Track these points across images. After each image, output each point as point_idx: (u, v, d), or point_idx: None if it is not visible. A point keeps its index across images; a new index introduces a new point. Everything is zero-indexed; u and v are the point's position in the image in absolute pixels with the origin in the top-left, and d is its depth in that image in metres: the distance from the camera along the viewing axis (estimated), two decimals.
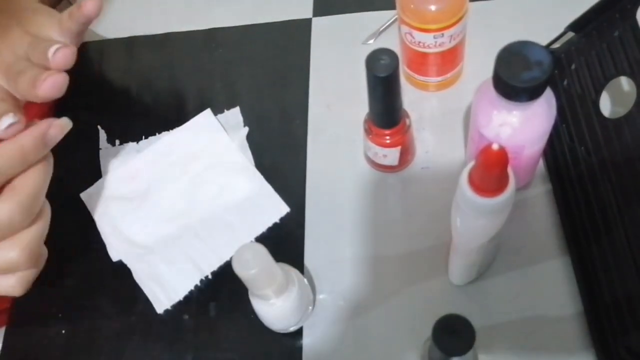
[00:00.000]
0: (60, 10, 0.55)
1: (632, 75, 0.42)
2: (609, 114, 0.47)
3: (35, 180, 0.43)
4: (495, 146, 0.31)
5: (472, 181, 0.34)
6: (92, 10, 0.50)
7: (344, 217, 0.51)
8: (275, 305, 0.43)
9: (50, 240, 0.45)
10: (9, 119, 0.42)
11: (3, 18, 0.52)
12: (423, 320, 0.44)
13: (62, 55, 0.47)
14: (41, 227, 0.44)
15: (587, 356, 0.43)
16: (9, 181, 0.43)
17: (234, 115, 0.58)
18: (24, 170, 0.43)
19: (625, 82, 0.51)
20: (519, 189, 0.49)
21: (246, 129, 0.57)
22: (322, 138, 0.55)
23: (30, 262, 0.43)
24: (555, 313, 0.45)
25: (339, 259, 0.50)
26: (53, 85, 0.45)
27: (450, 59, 0.52)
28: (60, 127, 0.44)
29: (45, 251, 0.46)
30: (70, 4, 0.68)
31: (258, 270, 0.38)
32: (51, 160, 0.45)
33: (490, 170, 0.32)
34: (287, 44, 0.61)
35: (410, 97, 0.55)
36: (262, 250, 0.38)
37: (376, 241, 0.50)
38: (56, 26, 0.53)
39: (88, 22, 0.52)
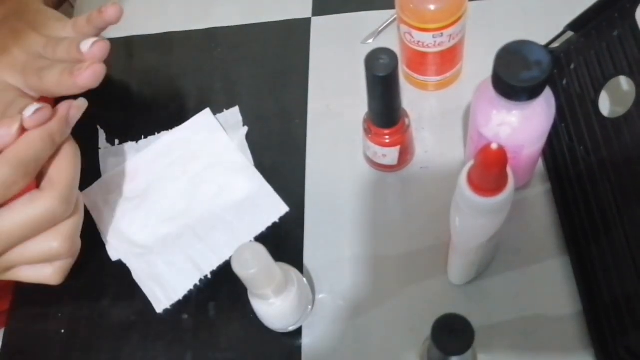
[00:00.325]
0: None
1: (631, 74, 0.42)
2: (608, 113, 0.47)
3: (69, 171, 0.45)
4: (494, 146, 0.31)
5: (471, 181, 0.34)
6: (114, 16, 0.52)
7: (343, 217, 0.51)
8: (274, 304, 0.43)
9: None
10: (35, 105, 0.44)
11: (13, 20, 0.53)
12: (422, 320, 0.44)
13: (98, 48, 0.50)
14: (79, 217, 0.46)
15: (586, 356, 0.43)
16: (41, 174, 0.44)
17: (233, 114, 0.58)
18: (53, 155, 0.45)
19: (624, 82, 0.51)
20: (518, 188, 0.49)
21: (245, 129, 0.57)
22: (322, 137, 0.55)
23: (70, 252, 0.45)
24: (555, 313, 0.45)
25: (338, 259, 0.50)
26: (94, 74, 0.48)
27: (449, 58, 0.52)
28: (78, 107, 0.47)
29: (80, 242, 0.47)
30: (72, 6, 0.68)
31: (257, 270, 0.38)
32: (78, 149, 0.47)
33: (490, 169, 0.32)
34: (287, 44, 0.61)
35: (410, 96, 0.55)
36: (261, 250, 0.38)
37: (375, 241, 0.50)
38: (69, 29, 0.53)
39: (106, 27, 0.53)
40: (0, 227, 0.42)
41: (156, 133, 0.58)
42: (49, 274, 0.46)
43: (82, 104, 0.48)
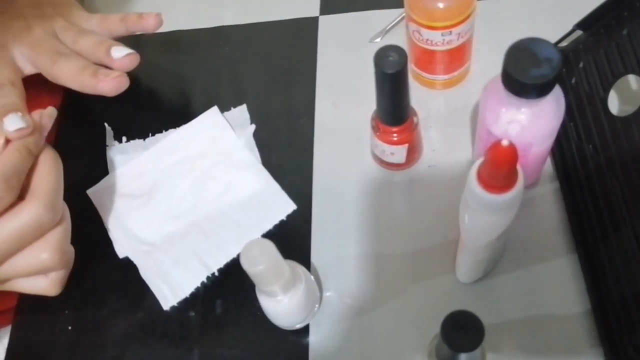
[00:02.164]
0: None
1: None
2: (617, 112, 0.47)
3: (50, 178, 0.44)
4: (504, 142, 0.31)
5: (480, 177, 0.34)
6: (153, 25, 0.53)
7: (350, 215, 0.51)
8: (282, 302, 0.42)
9: None
10: (19, 123, 0.43)
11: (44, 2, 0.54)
12: (430, 318, 0.44)
13: (130, 60, 0.51)
14: (66, 226, 0.45)
15: (595, 354, 0.43)
16: (24, 187, 0.44)
17: (241, 112, 0.58)
18: (33, 166, 0.44)
19: (633, 80, 0.51)
20: (527, 187, 0.49)
21: (253, 127, 0.57)
22: (329, 136, 0.55)
23: (61, 262, 0.45)
24: (563, 311, 0.45)
25: (345, 257, 0.50)
26: (118, 85, 0.49)
27: (457, 56, 0.52)
28: (50, 116, 0.48)
29: (72, 250, 0.46)
30: None
31: (266, 266, 0.38)
32: (58, 155, 0.46)
33: (500, 166, 0.32)
34: (294, 42, 0.61)
35: (418, 95, 0.55)
36: (270, 246, 0.38)
37: (383, 239, 0.50)
38: (94, 22, 0.54)
39: (137, 32, 0.53)
40: None
41: (163, 131, 0.58)
42: (45, 285, 0.45)
43: (51, 112, 0.48)
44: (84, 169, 0.57)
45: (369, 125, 0.49)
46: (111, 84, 0.49)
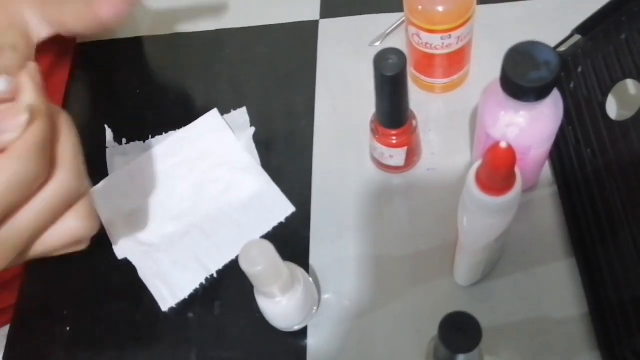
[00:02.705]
0: None
1: (638, 78, 0.42)
2: (615, 116, 0.47)
3: (70, 144, 0.42)
4: (503, 144, 0.31)
5: (479, 179, 0.34)
6: None
7: (349, 217, 0.51)
8: (280, 303, 0.43)
9: None
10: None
11: None
12: (428, 320, 0.44)
13: None
14: (89, 192, 0.43)
15: (593, 358, 0.43)
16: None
17: (241, 115, 0.58)
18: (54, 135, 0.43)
19: (631, 85, 0.51)
20: (525, 190, 0.49)
21: (252, 129, 0.57)
22: (328, 139, 0.55)
23: (93, 227, 0.42)
24: (561, 314, 0.45)
25: (344, 259, 0.50)
26: (121, 9, 0.47)
27: (457, 60, 0.52)
28: (36, 71, 0.43)
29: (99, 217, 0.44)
30: None
31: (264, 267, 0.38)
32: (70, 118, 0.44)
33: (498, 168, 0.32)
34: (294, 46, 0.61)
35: (417, 99, 0.55)
36: (269, 247, 0.38)
37: (381, 241, 0.50)
38: None
39: None
40: (21, 224, 0.39)
41: (164, 133, 0.58)
42: (76, 227, 0.42)
43: (34, 67, 0.43)
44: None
45: (369, 128, 0.49)
46: (105, 8, 0.47)
